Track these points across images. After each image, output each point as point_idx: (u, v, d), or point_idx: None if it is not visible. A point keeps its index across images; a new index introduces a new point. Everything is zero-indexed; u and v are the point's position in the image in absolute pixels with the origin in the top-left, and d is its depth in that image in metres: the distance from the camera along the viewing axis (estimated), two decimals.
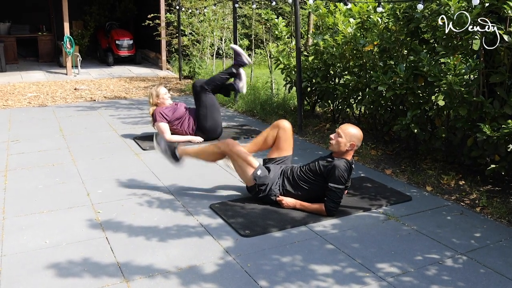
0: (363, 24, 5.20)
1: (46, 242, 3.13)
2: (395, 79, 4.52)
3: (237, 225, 3.33)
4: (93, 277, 2.72)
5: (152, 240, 3.16)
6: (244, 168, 3.67)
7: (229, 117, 6.81)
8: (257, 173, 3.64)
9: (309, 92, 6.32)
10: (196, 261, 2.89)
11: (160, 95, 5.52)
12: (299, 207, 3.57)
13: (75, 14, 12.17)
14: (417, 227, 3.33)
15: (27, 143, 5.45)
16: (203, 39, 10.38)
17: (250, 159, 3.68)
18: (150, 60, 12.61)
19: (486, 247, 3.07)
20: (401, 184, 4.18)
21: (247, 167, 3.67)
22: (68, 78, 10.21)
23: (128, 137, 5.71)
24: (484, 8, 3.77)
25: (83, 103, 7.83)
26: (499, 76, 3.79)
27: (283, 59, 6.42)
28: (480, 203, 3.69)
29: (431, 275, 2.74)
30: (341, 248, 3.05)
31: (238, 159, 3.68)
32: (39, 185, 4.15)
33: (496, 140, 3.71)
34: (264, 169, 3.71)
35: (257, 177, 3.63)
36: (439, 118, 4.46)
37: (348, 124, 3.67)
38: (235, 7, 7.43)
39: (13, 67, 11.44)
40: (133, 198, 3.87)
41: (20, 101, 7.96)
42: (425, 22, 4.40)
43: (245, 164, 3.67)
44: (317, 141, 5.52)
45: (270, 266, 2.84)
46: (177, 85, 9.63)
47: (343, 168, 3.44)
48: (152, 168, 4.58)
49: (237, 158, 3.68)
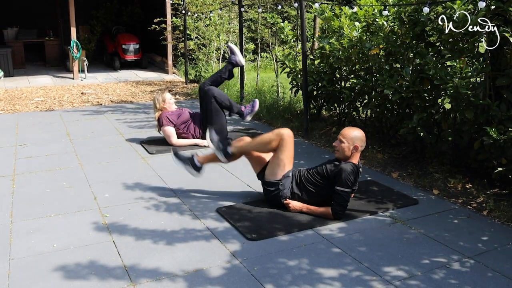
0: (368, 27, 5.20)
1: (54, 245, 3.15)
2: (401, 83, 4.51)
3: (243, 229, 3.33)
4: (100, 280, 2.74)
5: (159, 243, 3.17)
6: (284, 161, 3.62)
7: (235, 121, 6.81)
8: (289, 174, 3.64)
9: (315, 96, 6.32)
10: (203, 265, 2.90)
11: (165, 100, 5.55)
12: (306, 210, 3.57)
13: (82, 18, 12.24)
14: (424, 231, 3.32)
15: (35, 147, 5.48)
16: (209, 43, 10.41)
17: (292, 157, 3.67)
18: (156, 64, 12.65)
19: (494, 250, 3.05)
20: (408, 187, 4.17)
21: (286, 163, 3.63)
22: (75, 83, 10.27)
23: (134, 141, 5.73)
24: (490, 10, 3.76)
25: (89, 107, 7.87)
26: (505, 79, 3.78)
27: (289, 63, 6.43)
28: (487, 206, 3.67)
29: (438, 278, 2.73)
30: (347, 251, 3.05)
31: (287, 149, 3.62)
32: (46, 189, 4.17)
33: (503, 143, 3.70)
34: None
35: (285, 178, 3.63)
36: (445, 121, 4.45)
37: (348, 127, 3.66)
38: (241, 11, 7.45)
39: (20, 72, 11.51)
40: (140, 202, 3.89)
41: (28, 105, 8.01)
42: (431, 25, 4.39)
43: (288, 159, 3.64)
44: (323, 145, 5.51)
45: (276, 269, 2.84)
46: (183, 89, 9.66)
47: (350, 171, 3.44)
48: (158, 172, 4.59)
49: (287, 148, 3.62)
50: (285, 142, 3.61)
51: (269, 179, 3.68)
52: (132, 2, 13.58)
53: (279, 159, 3.64)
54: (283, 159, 3.63)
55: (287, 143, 3.61)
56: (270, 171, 3.69)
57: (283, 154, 3.63)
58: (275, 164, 3.66)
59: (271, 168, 3.69)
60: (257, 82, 8.86)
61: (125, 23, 13.46)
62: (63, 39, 12.62)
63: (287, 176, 3.63)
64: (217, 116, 5.48)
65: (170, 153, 5.06)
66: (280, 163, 3.64)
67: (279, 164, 3.64)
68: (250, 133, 6.08)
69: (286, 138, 3.61)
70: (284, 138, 3.61)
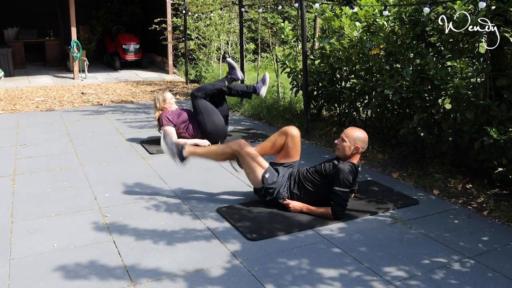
0: (369, 27, 5.20)
1: (54, 245, 3.15)
2: (401, 83, 4.51)
3: (244, 229, 3.33)
4: (100, 280, 2.74)
5: (159, 243, 3.17)
6: (254, 169, 3.66)
7: (236, 121, 6.82)
8: (265, 176, 3.64)
9: (315, 96, 6.32)
10: (203, 265, 2.90)
11: (166, 100, 5.55)
12: (306, 210, 3.57)
13: (82, 18, 12.24)
14: (424, 231, 3.32)
15: (35, 147, 5.48)
16: (210, 43, 10.41)
17: (260, 160, 3.68)
18: (157, 64, 12.65)
19: (494, 250, 3.05)
20: (408, 187, 4.17)
21: (257, 169, 3.66)
22: (75, 83, 10.27)
23: (134, 141, 5.74)
24: (491, 10, 3.76)
25: (90, 107, 7.88)
26: (506, 79, 3.78)
27: (290, 63, 6.43)
28: (488, 207, 3.67)
29: (439, 279, 2.73)
30: (348, 251, 3.05)
31: (248, 160, 3.67)
32: (47, 189, 4.17)
33: (503, 143, 3.70)
34: (273, 171, 3.70)
35: (265, 180, 3.64)
36: (446, 121, 4.44)
37: (352, 127, 3.66)
38: (241, 11, 7.45)
39: (20, 72, 11.52)
40: (140, 202, 3.89)
41: (28, 105, 8.01)
42: (431, 25, 4.39)
43: (255, 165, 3.66)
44: (324, 145, 5.51)
45: (277, 269, 2.84)
46: (184, 89, 9.66)
47: (348, 171, 3.44)
48: (159, 172, 4.59)
49: (247, 158, 3.67)
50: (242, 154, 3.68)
51: (255, 187, 3.76)
52: (133, 2, 13.58)
53: (248, 168, 3.70)
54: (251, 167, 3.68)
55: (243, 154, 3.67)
56: (251, 181, 3.77)
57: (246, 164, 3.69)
58: (248, 174, 3.73)
59: (251, 178, 3.75)
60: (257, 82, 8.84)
61: (125, 23, 13.47)
62: (64, 39, 12.63)
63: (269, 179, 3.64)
64: (208, 115, 5.39)
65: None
66: (250, 171, 3.70)
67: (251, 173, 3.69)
68: (250, 133, 6.08)
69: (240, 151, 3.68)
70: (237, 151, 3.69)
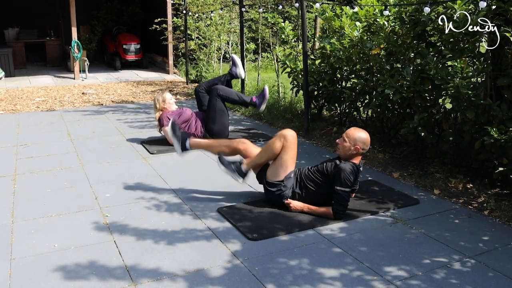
0: (369, 27, 5.20)
1: (55, 245, 3.15)
2: (402, 82, 4.51)
3: (244, 229, 3.33)
4: (101, 280, 2.74)
5: (160, 243, 3.17)
6: (286, 163, 3.61)
7: (236, 120, 6.82)
8: (290, 176, 3.63)
9: (316, 96, 6.32)
10: (204, 265, 2.90)
11: (166, 100, 5.56)
12: (306, 210, 3.57)
13: (83, 18, 12.25)
14: (425, 231, 3.32)
15: (36, 147, 5.49)
16: (210, 43, 10.42)
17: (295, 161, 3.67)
18: (157, 64, 12.66)
19: (495, 250, 3.05)
20: (409, 187, 4.17)
21: (289, 165, 3.62)
22: (75, 83, 10.28)
23: (135, 141, 5.74)
24: (491, 10, 3.76)
25: (90, 107, 7.88)
26: (506, 78, 3.78)
27: (290, 63, 6.43)
28: (488, 206, 3.67)
29: (439, 278, 2.73)
30: (348, 251, 3.05)
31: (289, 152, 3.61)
32: (47, 189, 4.18)
33: (504, 143, 3.70)
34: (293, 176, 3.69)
35: (286, 180, 3.62)
36: (446, 121, 4.44)
37: (355, 128, 3.65)
38: (242, 11, 7.45)
39: (21, 72, 11.53)
40: (140, 202, 3.89)
41: (29, 105, 8.02)
42: (432, 25, 4.39)
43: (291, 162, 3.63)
44: (324, 145, 5.51)
45: (277, 269, 2.84)
46: (184, 89, 9.66)
47: (349, 171, 3.44)
48: (159, 172, 4.59)
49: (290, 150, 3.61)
50: (289, 143, 3.61)
51: (271, 179, 3.67)
52: (133, 2, 13.59)
53: (282, 160, 3.63)
54: (286, 160, 3.63)
55: (290, 144, 3.62)
56: (272, 172, 3.68)
57: (286, 154, 3.63)
58: (278, 164, 3.65)
59: (273, 168, 3.68)
60: (258, 82, 8.86)
61: (126, 23, 13.48)
62: (64, 39, 12.64)
63: (289, 177, 3.63)
64: (220, 116, 5.49)
65: (170, 153, 5.10)
66: (283, 163, 3.63)
67: (282, 164, 3.63)
68: (251, 133, 6.08)
69: (290, 139, 3.61)
70: (288, 139, 3.61)
